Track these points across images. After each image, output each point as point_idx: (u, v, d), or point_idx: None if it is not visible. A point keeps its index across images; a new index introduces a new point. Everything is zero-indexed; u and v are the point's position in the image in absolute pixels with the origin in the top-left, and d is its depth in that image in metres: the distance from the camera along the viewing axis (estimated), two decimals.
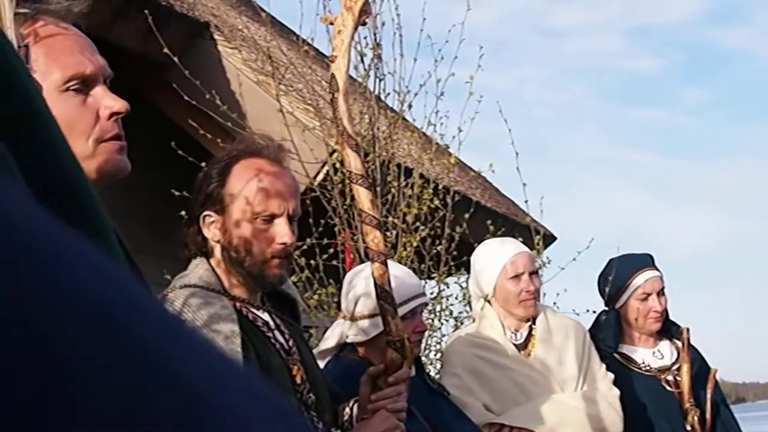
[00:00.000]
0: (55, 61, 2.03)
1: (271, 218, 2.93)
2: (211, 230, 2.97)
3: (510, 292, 4.35)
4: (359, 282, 3.73)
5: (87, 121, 2.02)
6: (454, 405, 3.98)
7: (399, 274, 3.88)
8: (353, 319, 3.77)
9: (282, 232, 2.92)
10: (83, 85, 2.04)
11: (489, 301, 4.43)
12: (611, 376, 4.50)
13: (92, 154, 2.01)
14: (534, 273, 4.42)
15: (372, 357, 3.65)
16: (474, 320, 4.60)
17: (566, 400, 4.31)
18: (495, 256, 4.42)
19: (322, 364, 3.67)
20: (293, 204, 2.97)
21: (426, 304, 4.06)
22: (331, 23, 3.04)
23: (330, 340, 3.83)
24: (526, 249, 4.55)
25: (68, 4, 2.09)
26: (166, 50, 6.77)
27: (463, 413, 4.01)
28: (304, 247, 6.37)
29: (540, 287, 4.50)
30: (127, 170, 2.06)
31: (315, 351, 3.81)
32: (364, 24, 3.21)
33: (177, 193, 5.55)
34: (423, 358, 5.06)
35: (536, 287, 4.41)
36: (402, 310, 3.70)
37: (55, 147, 0.91)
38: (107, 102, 2.05)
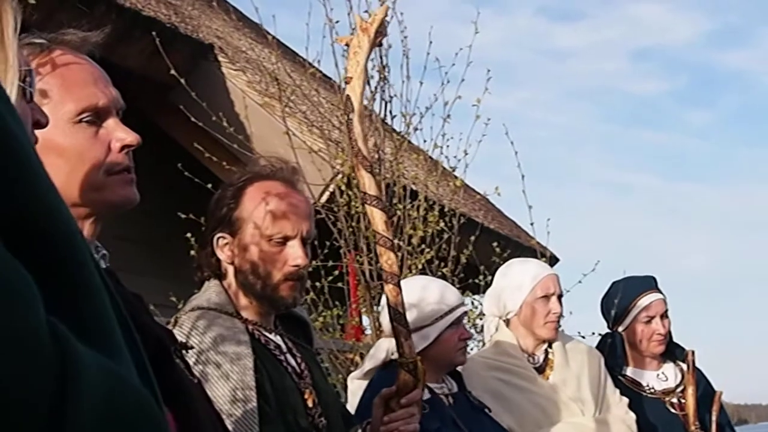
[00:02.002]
0: (69, 92, 2.04)
1: (284, 240, 2.93)
2: (224, 252, 2.98)
3: (538, 312, 4.35)
4: None
5: (98, 153, 2.03)
6: (496, 422, 3.98)
7: (439, 284, 3.99)
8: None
9: (295, 254, 2.93)
10: (96, 117, 2.05)
11: (506, 321, 4.43)
12: (626, 400, 4.50)
13: (102, 185, 2.02)
14: (560, 296, 4.44)
15: None
16: (485, 342, 4.58)
17: (588, 423, 4.30)
18: (526, 275, 4.42)
19: (365, 383, 3.67)
20: (306, 226, 2.97)
21: (467, 312, 4.12)
22: (347, 44, 3.04)
23: (375, 358, 3.83)
24: (555, 272, 4.58)
25: (84, 35, 2.12)
26: (173, 72, 6.77)
27: (505, 430, 4.02)
28: (309, 269, 6.36)
29: (563, 312, 4.50)
30: (135, 202, 2.08)
31: (359, 371, 3.83)
32: (380, 45, 3.21)
33: (183, 216, 5.55)
34: None
35: (561, 311, 4.42)
36: (448, 319, 3.78)
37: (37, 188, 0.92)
38: (119, 134, 2.06)
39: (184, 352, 2.36)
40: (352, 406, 3.63)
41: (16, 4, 1.67)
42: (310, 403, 2.93)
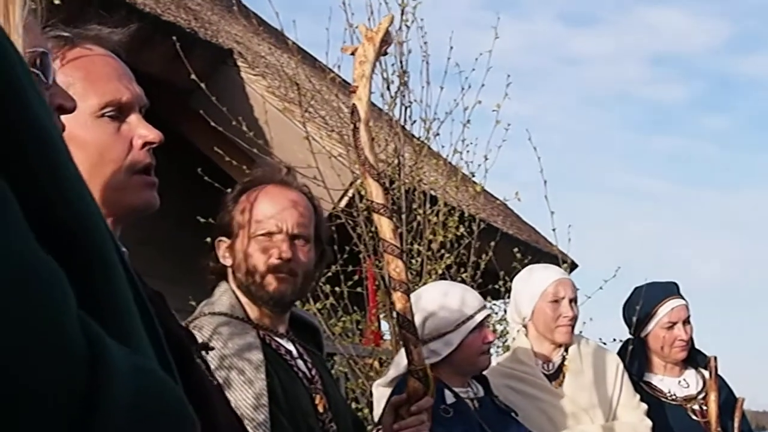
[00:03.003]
0: (93, 85, 2.03)
1: (269, 236, 2.97)
2: (225, 257, 3.04)
3: (549, 316, 4.34)
4: (421, 305, 3.73)
5: (120, 149, 2.01)
6: (523, 426, 3.97)
7: (460, 289, 4.00)
8: (422, 342, 3.78)
9: (279, 248, 2.96)
10: (119, 112, 2.04)
11: (525, 328, 4.43)
12: (644, 406, 4.47)
13: (124, 185, 2.00)
14: (574, 300, 4.42)
15: (444, 377, 3.70)
16: (508, 348, 4.59)
17: (594, 431, 4.29)
18: (537, 280, 4.42)
19: (389, 390, 3.67)
20: (294, 222, 3.00)
21: (490, 315, 4.12)
22: (353, 53, 3.05)
23: (399, 366, 3.82)
24: (569, 276, 4.57)
25: (109, 32, 2.12)
26: (193, 76, 6.78)
27: None
28: (329, 274, 6.36)
29: (578, 315, 4.48)
30: (156, 206, 2.06)
31: (384, 379, 3.83)
32: (386, 54, 3.21)
33: (202, 220, 5.55)
34: None
35: (575, 314, 4.40)
36: (471, 324, 3.78)
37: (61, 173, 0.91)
38: (141, 131, 2.04)
39: (204, 353, 2.36)
40: (376, 414, 3.62)
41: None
42: (320, 409, 2.95)
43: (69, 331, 0.78)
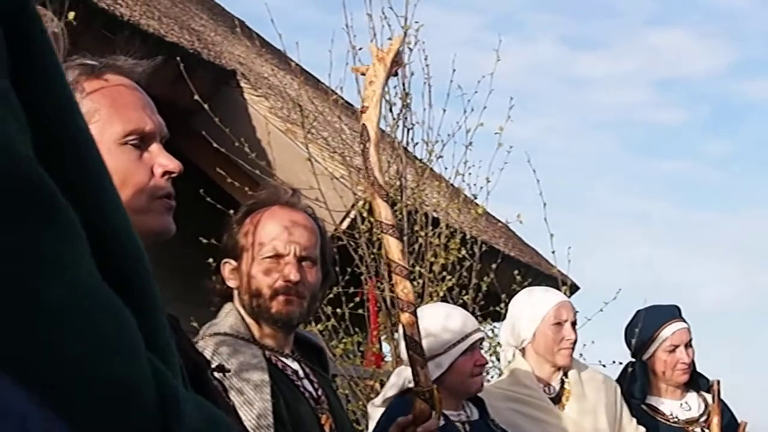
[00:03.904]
0: (118, 113, 2.07)
1: (277, 258, 2.97)
2: (231, 278, 3.05)
3: (551, 339, 4.34)
4: None
5: (141, 176, 2.06)
6: None
7: (456, 311, 4.00)
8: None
9: (287, 270, 2.95)
10: (141, 141, 2.08)
11: (522, 350, 4.41)
12: (642, 430, 4.47)
13: (146, 209, 2.04)
14: (574, 324, 4.42)
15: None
16: (502, 372, 4.57)
17: None
18: (538, 303, 4.41)
19: (380, 411, 3.67)
20: (302, 245, 3.00)
21: (483, 339, 4.11)
22: (363, 74, 3.06)
23: (396, 386, 3.82)
24: (569, 299, 4.57)
25: (134, 63, 2.17)
26: (196, 97, 6.79)
27: None
28: (330, 295, 6.35)
29: (577, 339, 4.48)
30: (172, 232, 2.10)
31: (380, 398, 3.83)
32: (396, 75, 3.22)
33: (204, 241, 5.55)
34: None
35: (576, 338, 4.40)
36: (462, 347, 3.78)
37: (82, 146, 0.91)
38: (162, 160, 2.09)
39: (220, 375, 2.38)
40: None
41: (58, 23, 1.70)
42: (327, 429, 2.95)
43: (143, 375, 0.78)
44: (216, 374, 2.41)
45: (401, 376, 3.83)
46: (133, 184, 2.03)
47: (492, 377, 6.05)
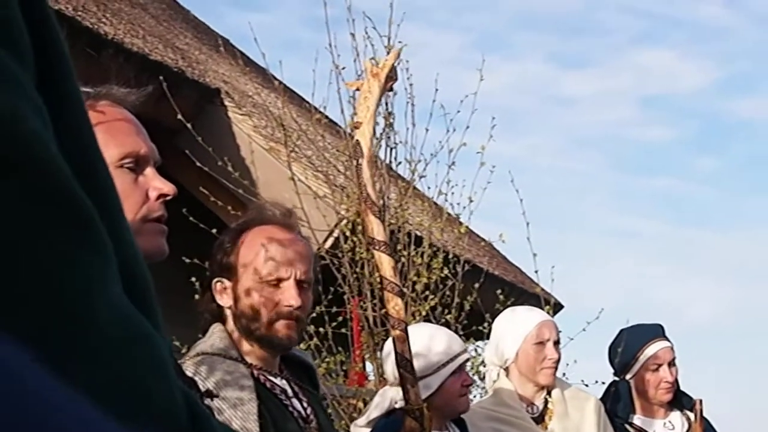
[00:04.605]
0: (113, 137, 2.11)
1: (278, 282, 2.95)
2: (224, 297, 3.01)
3: (533, 358, 4.34)
4: None
5: (136, 199, 2.10)
6: None
7: (443, 332, 4.02)
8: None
9: (289, 295, 2.94)
10: (136, 164, 2.13)
11: (506, 370, 4.41)
12: None
13: (138, 230, 2.06)
14: (557, 343, 4.42)
15: None
16: (487, 391, 4.57)
17: None
18: (521, 322, 4.42)
19: (368, 430, 3.67)
20: (302, 269, 2.99)
21: (469, 359, 4.13)
22: (357, 89, 3.06)
23: (380, 407, 3.82)
24: (552, 318, 4.58)
25: (127, 91, 2.23)
26: (179, 116, 6.79)
27: None
28: (313, 314, 6.34)
29: (560, 358, 4.48)
30: (165, 254, 2.14)
31: (364, 419, 3.83)
32: (391, 90, 3.22)
33: (188, 260, 5.54)
34: None
35: (558, 357, 4.40)
36: (450, 367, 3.79)
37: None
38: (157, 184, 2.14)
39: (208, 400, 2.39)
40: None
41: None
42: None
43: (177, 401, 0.77)
44: (205, 400, 2.41)
45: (386, 397, 3.83)
46: (128, 206, 2.05)
47: (474, 397, 6.05)
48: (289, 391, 3.00)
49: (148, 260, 2.11)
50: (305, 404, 3.01)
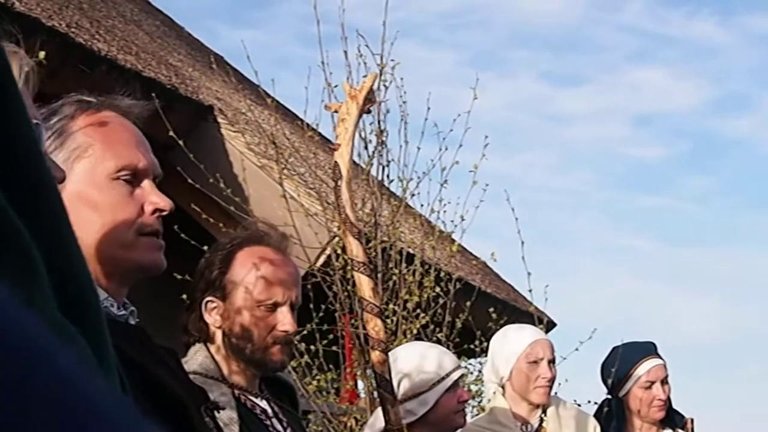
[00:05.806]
0: (111, 148, 2.10)
1: (273, 306, 2.94)
2: (213, 316, 2.98)
3: (526, 377, 4.33)
4: (398, 365, 3.73)
5: (131, 212, 2.08)
6: None
7: (436, 350, 4.03)
8: (398, 402, 3.77)
9: (284, 320, 2.93)
10: (133, 177, 2.11)
11: (503, 387, 4.41)
12: None
13: (132, 244, 2.06)
14: (552, 361, 4.41)
15: None
16: (484, 409, 4.58)
17: None
18: (515, 340, 4.41)
19: None
20: (295, 293, 2.99)
21: (465, 375, 4.13)
22: (336, 111, 3.06)
23: (373, 428, 3.82)
24: (547, 337, 4.57)
25: (132, 103, 2.20)
26: (171, 133, 6.79)
27: None
28: (304, 332, 6.33)
29: (555, 376, 4.47)
30: (162, 268, 2.12)
31: None
32: (369, 112, 3.22)
33: (179, 277, 5.52)
34: None
35: (553, 375, 4.39)
36: (446, 383, 3.80)
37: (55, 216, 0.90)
38: (153, 198, 2.11)
39: (216, 412, 2.38)
40: None
41: (29, 61, 1.72)
42: None
43: None
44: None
45: (379, 418, 3.84)
46: (122, 218, 2.06)
47: (467, 414, 6.03)
48: (270, 411, 2.99)
49: (144, 274, 2.12)
50: (285, 424, 3.00)
